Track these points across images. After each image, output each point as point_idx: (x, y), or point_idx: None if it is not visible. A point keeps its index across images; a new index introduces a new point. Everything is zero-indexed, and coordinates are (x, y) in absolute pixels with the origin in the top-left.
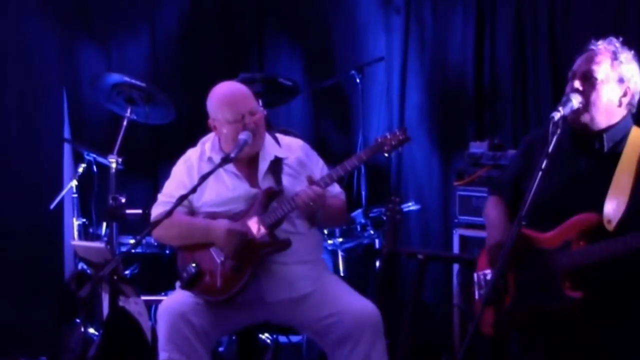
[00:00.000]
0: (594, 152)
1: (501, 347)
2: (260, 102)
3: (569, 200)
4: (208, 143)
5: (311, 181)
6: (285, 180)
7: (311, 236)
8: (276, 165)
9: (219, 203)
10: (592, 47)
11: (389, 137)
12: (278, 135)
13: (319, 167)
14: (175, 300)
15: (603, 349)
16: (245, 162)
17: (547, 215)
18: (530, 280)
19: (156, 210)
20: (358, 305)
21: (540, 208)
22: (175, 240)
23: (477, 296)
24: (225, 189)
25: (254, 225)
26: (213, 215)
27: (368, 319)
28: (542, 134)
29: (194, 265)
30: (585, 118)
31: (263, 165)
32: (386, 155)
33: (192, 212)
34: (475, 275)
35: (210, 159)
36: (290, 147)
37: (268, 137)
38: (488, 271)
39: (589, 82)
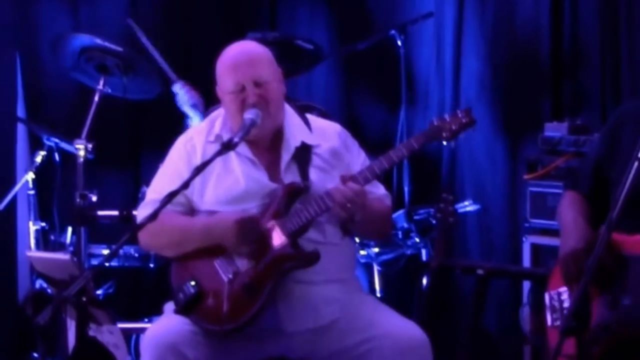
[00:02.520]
0: None
1: None
2: None
3: None
4: (220, 119)
5: (346, 177)
6: (313, 174)
7: (344, 248)
8: (303, 153)
9: (228, 200)
10: None
11: (448, 119)
12: (309, 116)
13: (359, 161)
14: (165, 328)
15: None
16: (265, 145)
17: (636, 212)
18: (615, 295)
19: (142, 213)
20: (400, 327)
21: (627, 203)
22: (166, 250)
23: (549, 322)
24: (236, 181)
25: (273, 232)
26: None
27: (414, 344)
28: (636, 110)
29: (192, 283)
30: None
31: (287, 153)
32: (445, 143)
33: (192, 212)
34: (547, 295)
35: (219, 137)
36: (323, 133)
37: (294, 117)
38: (563, 289)
39: None
